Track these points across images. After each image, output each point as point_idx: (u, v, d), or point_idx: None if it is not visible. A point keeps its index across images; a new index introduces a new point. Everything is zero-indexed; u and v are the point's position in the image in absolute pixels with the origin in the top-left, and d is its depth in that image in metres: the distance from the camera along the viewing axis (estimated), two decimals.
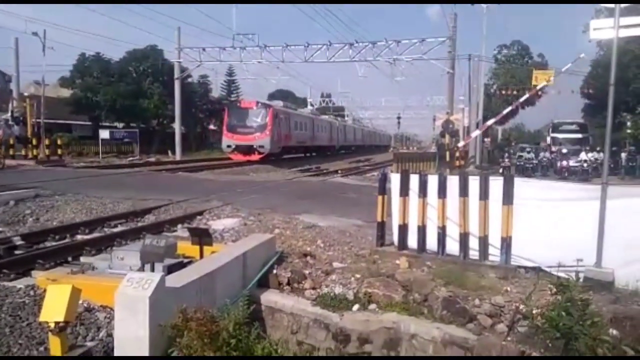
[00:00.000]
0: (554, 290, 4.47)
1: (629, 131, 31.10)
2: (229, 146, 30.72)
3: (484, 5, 30.03)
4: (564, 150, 24.30)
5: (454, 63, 27.61)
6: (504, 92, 39.62)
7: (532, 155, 26.41)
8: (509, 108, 26.24)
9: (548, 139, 32.83)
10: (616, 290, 5.40)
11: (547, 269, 5.81)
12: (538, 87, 25.95)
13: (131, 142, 36.17)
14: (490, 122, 25.91)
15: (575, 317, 4.04)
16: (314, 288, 5.89)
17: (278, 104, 35.26)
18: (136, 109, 40.22)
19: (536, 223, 6.03)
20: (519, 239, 6.13)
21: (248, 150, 29.78)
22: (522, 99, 26.16)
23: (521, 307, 4.79)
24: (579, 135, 30.26)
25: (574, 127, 31.90)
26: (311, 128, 40.33)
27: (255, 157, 29.60)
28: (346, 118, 64.79)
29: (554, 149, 27.95)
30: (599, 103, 32.35)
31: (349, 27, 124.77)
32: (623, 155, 25.68)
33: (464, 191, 6.43)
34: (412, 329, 5.08)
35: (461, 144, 23.83)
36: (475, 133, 25.73)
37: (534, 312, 4.42)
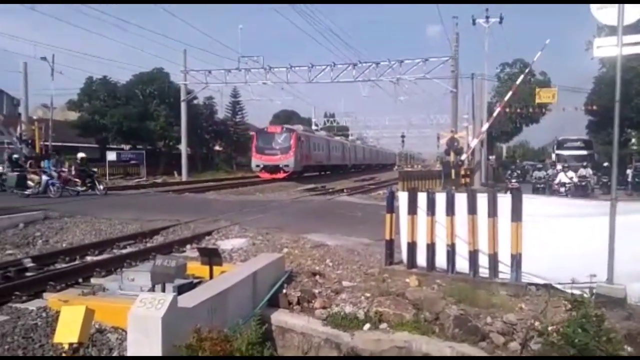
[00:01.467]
0: (569, 306, 4.46)
1: (634, 147, 31.02)
2: (257, 166, 34.68)
3: (485, 25, 30.40)
4: (559, 168, 24.20)
5: (457, 82, 27.81)
6: (507, 109, 39.80)
7: (542, 173, 26.17)
8: (498, 109, 26.23)
9: (553, 155, 32.70)
10: (628, 307, 5.36)
11: (558, 286, 5.78)
12: (519, 78, 26.09)
13: (138, 164, 36.44)
14: (484, 127, 25.91)
15: (591, 333, 4.02)
16: (324, 307, 5.85)
17: (299, 127, 38.66)
18: (143, 131, 40.66)
19: (546, 240, 6.02)
20: (529, 256, 6.11)
21: (275, 169, 33.64)
22: (506, 97, 26.24)
23: (536, 323, 4.76)
24: (584, 152, 30.09)
25: (578, 143, 31.76)
26: (327, 149, 43.89)
27: (281, 175, 33.22)
28: (350, 137, 65.42)
29: (559, 166, 27.86)
30: (602, 119, 32.36)
31: (353, 48, 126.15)
32: (629, 171, 25.59)
33: (472, 208, 6.44)
34: (424, 348, 5.03)
35: (464, 156, 23.87)
36: (474, 142, 25.82)
37: (549, 328, 4.39)
